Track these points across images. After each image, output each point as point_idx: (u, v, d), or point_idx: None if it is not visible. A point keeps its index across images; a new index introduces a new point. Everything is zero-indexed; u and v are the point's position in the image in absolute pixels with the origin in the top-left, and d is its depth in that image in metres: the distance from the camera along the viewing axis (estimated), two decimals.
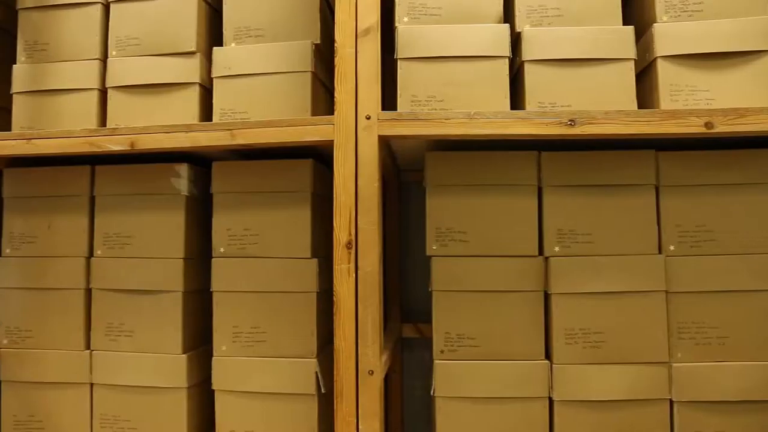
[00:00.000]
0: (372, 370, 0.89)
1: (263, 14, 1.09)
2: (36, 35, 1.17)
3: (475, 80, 0.98)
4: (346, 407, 0.90)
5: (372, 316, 0.89)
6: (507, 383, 0.97)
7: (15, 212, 1.16)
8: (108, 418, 1.10)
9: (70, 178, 1.14)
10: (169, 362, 1.07)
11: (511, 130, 0.91)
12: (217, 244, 1.07)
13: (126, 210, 1.11)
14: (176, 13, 1.10)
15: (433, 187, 1.01)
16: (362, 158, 0.91)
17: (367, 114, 0.91)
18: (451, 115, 0.92)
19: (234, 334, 1.05)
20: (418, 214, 1.53)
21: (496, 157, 1.01)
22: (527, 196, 1.00)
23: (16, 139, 1.06)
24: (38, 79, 1.16)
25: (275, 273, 1.04)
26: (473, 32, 0.98)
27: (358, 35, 0.93)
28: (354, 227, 0.90)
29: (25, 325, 1.14)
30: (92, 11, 1.15)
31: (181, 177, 1.09)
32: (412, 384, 1.51)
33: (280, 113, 1.04)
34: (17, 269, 1.15)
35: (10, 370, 1.14)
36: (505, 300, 0.99)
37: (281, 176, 1.06)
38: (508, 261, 0.99)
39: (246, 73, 1.06)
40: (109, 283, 1.11)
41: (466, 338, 0.99)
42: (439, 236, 1.00)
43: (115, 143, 1.01)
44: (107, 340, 1.11)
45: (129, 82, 1.11)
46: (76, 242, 1.13)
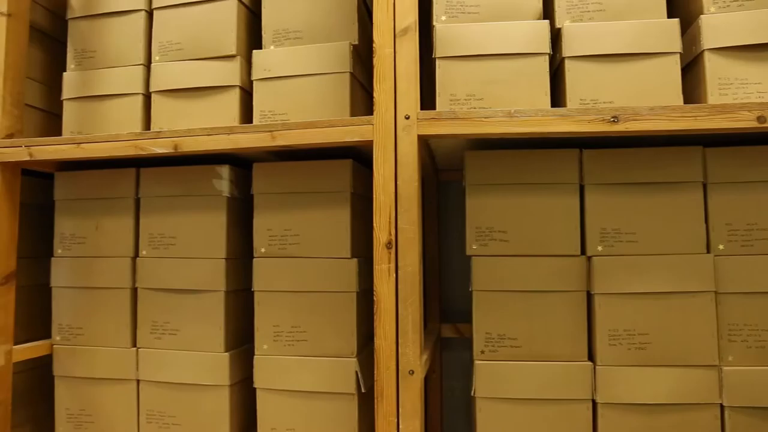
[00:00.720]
0: (412, 370, 0.89)
1: (301, 16, 1.10)
2: (84, 43, 1.21)
3: (515, 78, 0.97)
4: (386, 407, 0.90)
5: (412, 315, 0.89)
6: (549, 384, 0.96)
7: (66, 214, 1.21)
8: (154, 413, 1.13)
9: (117, 181, 1.18)
10: (212, 360, 1.09)
11: (552, 128, 0.90)
12: (258, 244, 1.09)
13: (170, 211, 1.14)
14: (216, 18, 1.12)
15: (472, 187, 1.01)
16: (401, 158, 0.91)
17: (406, 114, 0.91)
18: (490, 114, 0.91)
19: (275, 333, 1.07)
20: (457, 213, 1.52)
21: (536, 155, 1.00)
22: (569, 195, 0.99)
23: (67, 144, 1.09)
24: (86, 85, 1.20)
25: (315, 273, 1.05)
26: (512, 29, 0.97)
27: (396, 35, 0.93)
28: (394, 227, 0.90)
29: (76, 322, 1.18)
30: (136, 18, 1.18)
31: (223, 178, 1.11)
32: (451, 384, 1.50)
33: (319, 114, 1.05)
34: (68, 269, 1.19)
35: (63, 365, 1.18)
36: (546, 300, 0.98)
37: (321, 177, 1.06)
38: (549, 261, 0.98)
39: (285, 75, 1.07)
40: (154, 282, 1.14)
41: (507, 338, 0.98)
42: (479, 236, 1.00)
43: (160, 146, 1.04)
44: (152, 338, 1.14)
45: (172, 86, 1.13)
46: (123, 243, 1.16)
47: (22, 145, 1.11)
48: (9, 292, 1.13)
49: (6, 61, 1.11)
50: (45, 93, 1.31)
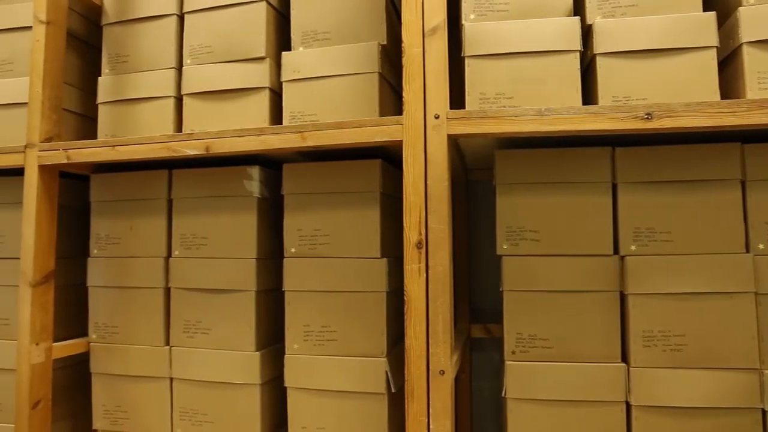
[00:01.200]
0: (443, 370, 0.89)
1: (330, 17, 1.10)
2: (118, 48, 1.24)
3: (545, 76, 0.95)
4: (417, 407, 0.89)
5: (443, 315, 0.89)
6: (582, 386, 0.94)
7: (101, 215, 1.24)
8: (186, 411, 1.15)
9: (150, 182, 1.20)
10: (243, 359, 1.10)
11: (583, 126, 0.88)
12: (288, 244, 1.10)
13: (201, 212, 1.15)
14: (246, 21, 1.13)
15: (503, 186, 1.00)
16: (431, 157, 0.90)
17: (436, 113, 0.91)
18: (520, 112, 0.90)
19: (305, 332, 1.07)
20: (487, 212, 1.51)
21: (567, 154, 0.99)
22: (601, 194, 0.97)
23: (102, 146, 1.12)
24: (120, 89, 1.22)
25: (345, 273, 1.06)
26: (542, 27, 0.96)
27: (425, 34, 0.93)
28: (424, 227, 0.89)
29: (112, 321, 1.21)
30: (168, 23, 1.20)
31: (253, 179, 1.12)
32: (480, 385, 1.49)
33: (348, 114, 1.05)
34: (104, 269, 1.22)
35: (99, 363, 1.21)
36: (578, 300, 0.97)
37: (350, 177, 1.07)
38: (581, 260, 0.97)
39: (314, 76, 1.08)
40: (186, 282, 1.16)
41: (539, 339, 0.97)
42: (510, 235, 0.99)
43: (192, 147, 1.05)
44: (185, 337, 1.15)
45: (203, 89, 1.15)
46: (156, 243, 1.19)
47: (60, 149, 1.14)
48: (48, 291, 1.16)
49: (45, 68, 1.15)
50: (81, 97, 1.34)
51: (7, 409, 1.23)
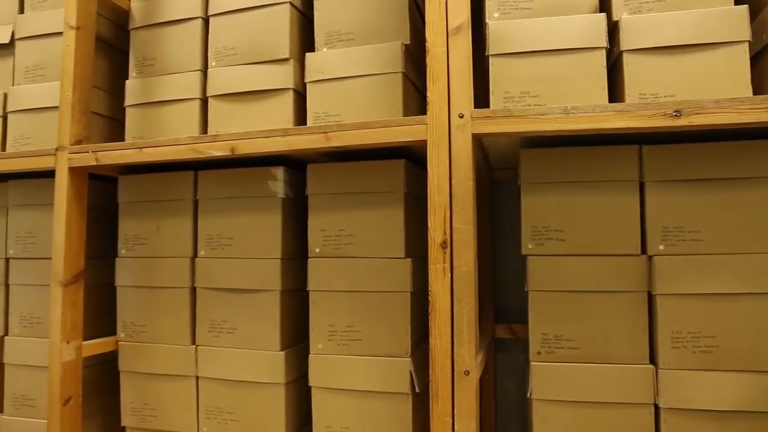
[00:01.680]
0: (468, 371, 0.88)
1: (353, 18, 1.11)
2: (145, 51, 1.26)
3: (571, 74, 0.94)
4: (441, 407, 0.89)
5: (468, 315, 0.88)
6: (609, 387, 0.93)
7: (129, 216, 1.26)
8: (212, 409, 1.16)
9: (176, 183, 1.22)
10: (268, 358, 1.11)
11: (610, 124, 0.87)
12: (312, 244, 1.10)
13: (227, 212, 1.17)
14: (270, 23, 1.14)
15: (528, 185, 0.99)
16: (456, 157, 0.90)
17: (460, 112, 0.90)
18: (546, 111, 0.89)
19: (330, 332, 1.08)
20: (511, 212, 1.50)
21: (594, 152, 0.97)
22: (628, 193, 0.96)
23: (130, 149, 1.14)
24: (147, 91, 1.24)
25: (369, 273, 1.06)
26: (567, 24, 0.95)
27: (449, 34, 0.92)
28: (449, 227, 0.89)
29: (139, 320, 1.23)
30: (193, 26, 1.22)
31: (278, 180, 1.13)
32: (505, 385, 1.48)
33: (372, 115, 1.05)
34: (131, 268, 1.24)
35: (127, 361, 1.23)
36: (605, 300, 0.95)
37: (374, 177, 1.07)
38: (608, 260, 0.95)
39: (338, 77, 1.08)
40: (211, 282, 1.17)
41: (564, 340, 0.96)
42: (535, 235, 0.98)
43: (217, 149, 1.06)
44: (211, 336, 1.17)
45: (227, 90, 1.16)
46: (182, 243, 1.20)
47: (89, 151, 1.16)
48: (78, 291, 1.18)
49: (75, 72, 1.17)
50: (109, 100, 1.37)
51: (41, 405, 1.26)
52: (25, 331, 1.30)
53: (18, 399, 1.29)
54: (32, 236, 1.31)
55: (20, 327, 1.31)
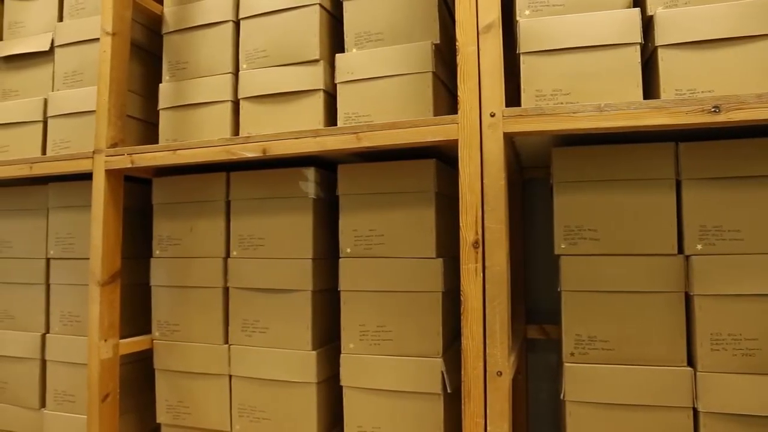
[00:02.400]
0: (500, 371, 0.88)
1: (382, 18, 1.11)
2: (177, 55, 1.28)
3: (604, 71, 0.93)
4: (474, 408, 0.89)
5: (500, 316, 0.88)
6: (645, 390, 0.91)
7: (163, 217, 1.28)
8: (245, 407, 1.17)
9: (209, 185, 1.23)
10: (299, 358, 1.12)
11: (645, 121, 0.85)
12: (344, 244, 1.11)
13: (258, 213, 1.18)
14: (300, 24, 1.15)
15: (560, 184, 0.98)
16: (487, 156, 0.89)
17: (492, 111, 0.90)
18: (579, 109, 0.88)
19: (361, 332, 1.08)
20: (542, 211, 1.48)
21: (628, 150, 0.96)
22: (664, 191, 0.94)
23: (164, 151, 1.16)
24: (180, 95, 1.26)
25: (401, 273, 1.06)
26: (600, 20, 0.93)
27: (479, 32, 0.92)
28: (481, 226, 0.88)
29: (173, 319, 1.25)
30: (224, 29, 1.24)
31: (309, 180, 1.14)
32: (537, 386, 1.47)
33: (402, 114, 1.05)
34: (166, 269, 1.27)
35: (162, 359, 1.25)
36: (641, 301, 0.94)
37: (405, 177, 1.07)
38: (643, 260, 0.94)
39: (368, 77, 1.08)
40: (244, 282, 1.18)
41: (598, 341, 0.95)
42: (568, 234, 0.97)
43: (249, 150, 1.08)
44: (243, 336, 1.18)
45: (259, 92, 1.18)
46: (215, 244, 1.22)
47: (125, 153, 1.19)
48: (115, 290, 1.21)
49: (111, 76, 1.20)
50: (143, 104, 1.40)
51: (80, 400, 1.30)
52: (65, 329, 1.34)
53: (59, 394, 1.33)
54: (71, 237, 1.35)
55: (60, 325, 1.35)
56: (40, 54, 1.41)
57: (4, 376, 1.41)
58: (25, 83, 1.43)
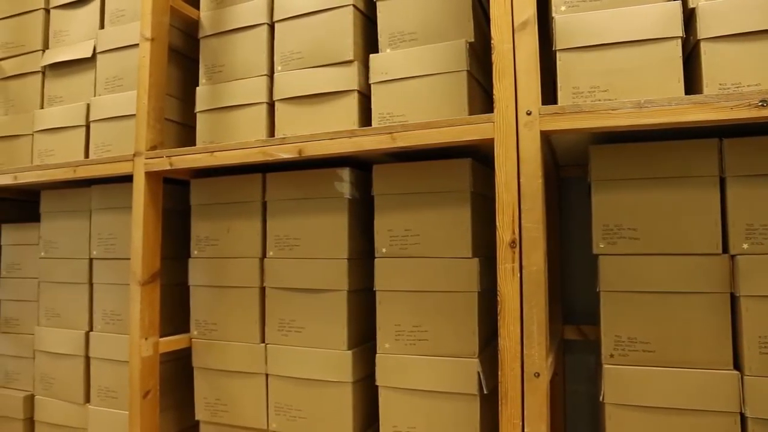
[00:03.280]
0: (538, 372, 0.87)
1: (416, 18, 1.11)
2: (214, 59, 1.31)
3: (643, 66, 0.91)
4: (511, 409, 0.88)
5: (537, 316, 0.86)
6: (689, 393, 0.89)
7: (200, 218, 1.31)
8: (281, 406, 1.19)
9: (245, 186, 1.25)
10: (335, 357, 1.13)
11: (687, 117, 0.83)
12: (379, 244, 1.11)
13: (294, 213, 1.19)
14: (334, 26, 1.16)
15: (599, 182, 0.96)
16: (524, 155, 0.88)
17: (528, 109, 0.89)
18: (617, 105, 0.86)
19: (396, 332, 1.08)
20: (579, 210, 1.46)
21: (669, 147, 0.93)
22: (707, 188, 0.91)
23: (202, 153, 1.18)
24: (216, 97, 1.29)
25: (436, 272, 1.05)
26: (640, 14, 0.91)
27: (515, 30, 0.91)
28: (518, 226, 0.88)
29: (211, 318, 1.27)
30: (260, 32, 1.25)
31: (344, 181, 1.14)
32: (574, 388, 1.44)
33: (437, 114, 1.05)
34: (203, 269, 1.29)
35: (201, 358, 1.28)
36: (683, 302, 0.91)
37: (440, 176, 1.07)
38: (686, 259, 0.91)
39: (402, 77, 1.08)
40: (280, 282, 1.20)
41: (639, 342, 0.93)
42: (607, 234, 0.95)
43: (285, 151, 1.09)
44: (279, 335, 1.20)
45: (294, 94, 1.19)
46: (251, 244, 1.24)
47: (164, 156, 1.21)
48: (155, 290, 1.24)
49: (150, 81, 1.23)
50: (181, 107, 1.42)
51: (122, 397, 1.33)
52: (107, 328, 1.38)
53: (102, 391, 1.36)
54: (113, 238, 1.38)
55: (103, 323, 1.39)
56: (83, 61, 1.46)
57: (51, 372, 1.46)
58: (69, 89, 1.48)
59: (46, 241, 1.50)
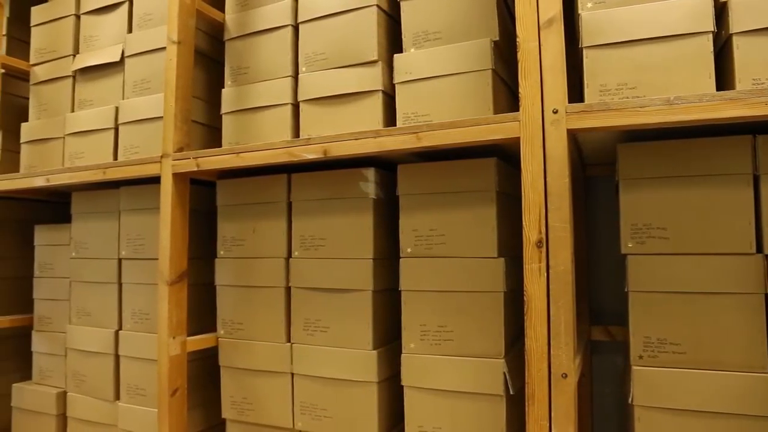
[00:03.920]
0: (566, 373, 0.86)
1: (440, 17, 1.10)
2: (239, 61, 1.32)
3: (673, 62, 0.89)
4: (538, 411, 0.87)
5: (565, 316, 0.85)
6: (721, 396, 0.87)
7: (227, 218, 1.32)
8: (307, 405, 1.19)
9: (270, 186, 1.26)
10: (360, 357, 1.13)
11: (719, 114, 0.81)
12: (404, 244, 1.11)
13: (319, 214, 1.20)
14: (357, 26, 1.16)
15: (627, 181, 0.95)
16: (550, 154, 0.87)
17: (554, 108, 0.88)
18: (646, 103, 0.84)
19: (422, 332, 1.08)
20: (606, 210, 1.43)
21: (699, 144, 0.91)
22: (741, 187, 0.89)
23: (228, 154, 1.19)
24: (242, 99, 1.30)
25: (462, 272, 1.05)
26: (669, 9, 0.90)
27: (540, 27, 0.90)
28: (544, 225, 0.87)
29: (237, 318, 1.29)
30: (284, 33, 1.26)
31: (369, 181, 1.15)
32: (601, 390, 1.42)
33: (461, 113, 1.04)
34: (229, 269, 1.30)
35: (227, 356, 1.29)
36: (714, 302, 0.89)
37: (465, 176, 1.06)
38: (717, 259, 0.89)
39: (427, 77, 1.08)
40: (305, 281, 1.20)
41: (669, 343, 0.91)
42: (636, 233, 0.93)
43: (311, 152, 1.10)
44: (305, 335, 1.20)
45: (318, 95, 1.19)
46: (277, 244, 1.25)
47: (191, 157, 1.23)
48: (182, 289, 1.26)
49: (177, 84, 1.25)
50: (206, 109, 1.44)
51: (151, 394, 1.35)
52: (136, 326, 1.41)
53: (132, 388, 1.39)
54: (141, 238, 1.41)
55: (132, 322, 1.41)
56: (112, 65, 1.49)
57: (83, 370, 1.49)
58: (99, 93, 1.51)
59: (76, 241, 1.53)
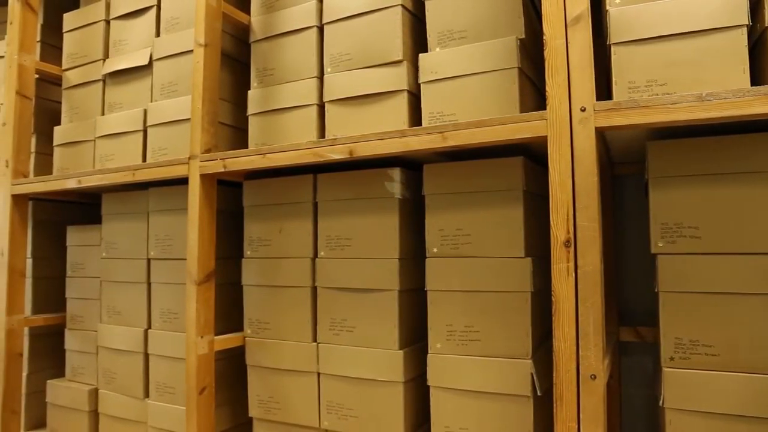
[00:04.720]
0: (594, 375, 0.84)
1: (465, 16, 1.10)
2: (264, 62, 1.33)
3: (705, 57, 0.87)
4: (566, 412, 0.86)
5: (593, 317, 0.84)
6: (756, 400, 0.85)
7: (253, 219, 1.33)
8: (333, 405, 1.20)
9: (297, 187, 1.27)
10: (386, 357, 1.13)
11: (754, 110, 0.80)
12: (430, 244, 1.11)
13: (345, 214, 1.20)
14: (382, 26, 1.16)
15: (657, 179, 0.93)
16: (578, 152, 0.86)
17: (582, 106, 0.87)
18: (677, 99, 0.83)
19: (448, 332, 1.08)
20: (634, 208, 1.41)
21: (732, 142, 0.89)
22: None
23: (254, 155, 1.21)
24: (267, 100, 1.31)
25: (488, 272, 1.04)
26: (701, 3, 0.88)
27: (567, 25, 0.89)
28: (572, 225, 0.86)
29: (264, 317, 1.30)
30: (309, 34, 1.27)
31: (394, 181, 1.15)
32: (630, 392, 1.40)
33: (487, 112, 1.04)
34: (256, 268, 1.32)
35: (254, 356, 1.30)
36: (749, 303, 0.87)
37: (492, 175, 1.05)
38: (752, 259, 0.87)
39: (452, 76, 1.08)
40: (331, 281, 1.21)
41: (701, 345, 0.89)
42: (666, 232, 0.92)
43: (336, 152, 1.10)
44: (331, 334, 1.21)
45: (343, 95, 1.20)
46: (303, 244, 1.26)
47: (218, 158, 1.25)
48: (210, 289, 1.27)
49: (204, 86, 1.26)
50: (233, 110, 1.46)
51: (179, 392, 1.38)
52: (164, 326, 1.43)
53: (160, 386, 1.41)
54: (169, 239, 1.43)
55: (161, 321, 1.44)
56: (140, 68, 1.51)
57: (113, 367, 1.52)
58: (128, 96, 1.54)
59: (107, 242, 1.57)
